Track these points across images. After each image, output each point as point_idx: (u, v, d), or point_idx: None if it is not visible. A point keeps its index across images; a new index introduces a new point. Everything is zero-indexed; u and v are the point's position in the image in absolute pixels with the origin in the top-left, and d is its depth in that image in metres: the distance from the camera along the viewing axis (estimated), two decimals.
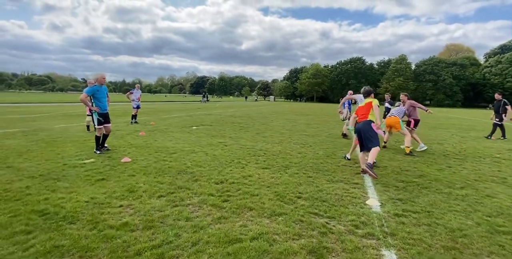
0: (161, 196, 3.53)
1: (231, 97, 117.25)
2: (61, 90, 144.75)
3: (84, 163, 4.91)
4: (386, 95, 10.44)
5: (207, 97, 44.77)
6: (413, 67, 66.69)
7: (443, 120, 19.90)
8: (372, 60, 71.63)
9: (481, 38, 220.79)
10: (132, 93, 11.96)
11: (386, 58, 73.10)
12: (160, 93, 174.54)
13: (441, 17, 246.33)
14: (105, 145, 6.10)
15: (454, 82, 58.64)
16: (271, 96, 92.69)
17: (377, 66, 73.90)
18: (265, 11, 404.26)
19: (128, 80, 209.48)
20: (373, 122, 4.89)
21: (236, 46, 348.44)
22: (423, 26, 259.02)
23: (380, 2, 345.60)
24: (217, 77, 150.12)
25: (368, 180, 4.50)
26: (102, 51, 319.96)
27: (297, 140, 8.51)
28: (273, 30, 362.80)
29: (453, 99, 60.12)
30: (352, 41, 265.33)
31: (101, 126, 5.84)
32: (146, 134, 8.59)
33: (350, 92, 10.84)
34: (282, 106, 39.52)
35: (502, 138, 10.02)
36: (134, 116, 11.65)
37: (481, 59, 66.55)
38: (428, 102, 68.05)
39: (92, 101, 5.78)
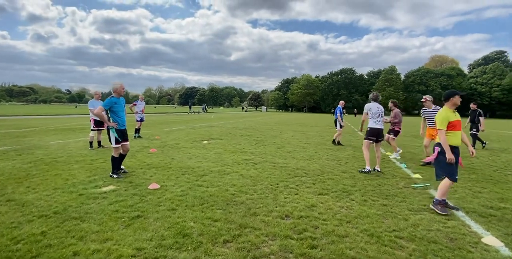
0: (227, 241, 2.68)
1: (221, 107, 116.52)
2: (44, 101, 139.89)
3: (105, 192, 3.98)
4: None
5: (206, 108, 46.39)
6: (402, 77, 68.33)
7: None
8: (358, 71, 73.04)
9: (460, 50, 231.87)
10: (135, 104, 11.03)
11: (376, 69, 74.83)
12: (148, 104, 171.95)
13: (422, 30, 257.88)
14: (122, 167, 5.17)
15: (443, 92, 60.20)
16: (263, 107, 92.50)
17: (366, 77, 75.36)
18: (254, 23, 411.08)
19: None
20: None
21: (225, 57, 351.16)
22: (406, 39, 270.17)
23: (365, 16, 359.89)
24: (206, 87, 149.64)
25: (452, 206, 3.79)
26: (88, 62, 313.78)
27: (326, 155, 7.79)
28: (261, 42, 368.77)
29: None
30: (339, 53, 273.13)
31: (119, 145, 4.92)
32: (158, 151, 7.66)
33: (341, 102, 11.22)
34: (278, 117, 39.04)
35: (483, 145, 10.33)
36: (137, 130, 10.67)
37: (465, 69, 69.10)
38: (416, 112, 69.61)
39: (109, 115, 4.88)
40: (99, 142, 8.15)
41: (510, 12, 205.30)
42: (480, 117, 9.93)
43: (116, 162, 4.92)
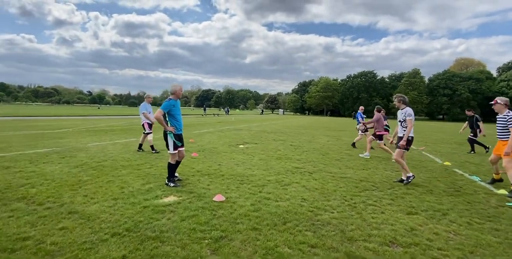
0: None
1: (237, 110, 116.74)
2: (68, 102, 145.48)
3: (169, 205, 3.59)
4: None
5: (228, 111, 47.47)
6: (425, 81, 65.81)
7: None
8: (379, 74, 70.99)
9: (484, 53, 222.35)
10: None
11: (398, 72, 72.56)
12: None
13: (443, 32, 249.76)
14: (176, 174, 4.79)
15: (470, 96, 57.38)
16: (280, 110, 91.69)
17: (388, 80, 73.17)
18: (270, 26, 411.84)
19: (134, 93, 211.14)
20: None
21: (240, 60, 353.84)
22: (426, 41, 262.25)
23: (383, 18, 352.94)
24: (221, 90, 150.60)
25: None
26: (108, 64, 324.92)
27: (380, 164, 7.17)
28: (277, 45, 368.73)
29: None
30: (355, 56, 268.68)
31: (176, 151, 4.55)
32: (199, 155, 7.31)
33: (361, 108, 10.71)
34: (299, 120, 38.34)
35: (472, 152, 10.01)
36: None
37: (494, 73, 65.64)
38: (441, 117, 66.71)
39: (166, 119, 4.52)
40: (140, 145, 7.88)
41: None
42: (478, 123, 9.99)
43: (173, 170, 4.55)
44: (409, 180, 5.13)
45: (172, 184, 4.44)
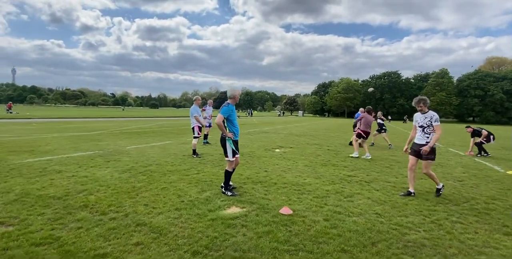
0: None
1: (255, 111, 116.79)
2: (93, 104, 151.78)
3: (237, 217, 3.34)
4: (378, 113, 11.70)
5: (251, 112, 48.38)
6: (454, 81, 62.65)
7: None
8: (403, 74, 68.34)
9: None
10: (204, 110, 10.69)
11: (423, 72, 69.68)
12: (185, 107, 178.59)
13: (470, 30, 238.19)
14: (230, 182, 4.56)
15: (505, 98, 53.94)
16: (299, 111, 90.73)
17: (413, 80, 70.42)
18: (287, 27, 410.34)
19: (154, 95, 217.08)
20: None
21: (257, 62, 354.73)
22: (451, 40, 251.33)
23: (405, 17, 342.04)
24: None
25: None
26: (130, 67, 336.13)
27: (439, 172, 6.60)
28: (294, 46, 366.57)
29: (505, 116, 54.89)
30: (376, 56, 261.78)
31: (234, 158, 4.32)
32: (240, 160, 7.08)
33: (361, 109, 10.38)
34: (322, 122, 37.57)
35: (485, 154, 9.68)
36: (206, 136, 10.30)
37: None
38: (471, 119, 63.24)
39: (225, 124, 4.30)
40: (194, 151, 7.60)
41: None
42: (482, 132, 9.89)
43: (230, 177, 4.32)
44: (440, 192, 4.61)
45: (229, 193, 4.21)
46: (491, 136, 9.72)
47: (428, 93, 61.67)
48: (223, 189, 4.30)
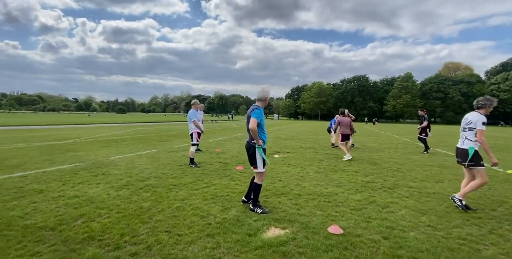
0: None
1: (224, 116, 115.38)
2: (53, 110, 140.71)
3: (285, 242, 2.80)
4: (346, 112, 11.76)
5: (232, 116, 47.07)
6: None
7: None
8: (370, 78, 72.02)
9: (465, 58, 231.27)
10: None
11: (389, 76, 73.73)
12: (154, 112, 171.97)
13: (427, 38, 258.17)
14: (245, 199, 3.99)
15: (462, 99, 58.72)
16: (274, 115, 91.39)
17: (380, 84, 74.20)
18: (259, 32, 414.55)
19: (121, 99, 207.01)
20: None
21: (230, 66, 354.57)
22: (410, 46, 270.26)
23: (370, 24, 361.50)
24: (212, 95, 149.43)
25: None
26: (95, 70, 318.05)
27: (444, 175, 6.56)
28: (266, 50, 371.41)
29: (463, 116, 59.32)
30: (343, 61, 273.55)
31: (265, 169, 3.77)
32: (244, 169, 6.52)
33: (337, 116, 10.68)
34: (300, 125, 37.90)
35: (425, 152, 10.31)
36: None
37: (482, 76, 67.65)
38: (433, 120, 67.85)
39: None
40: (191, 160, 6.83)
41: None
42: (424, 121, 10.52)
43: (260, 192, 3.76)
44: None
45: (259, 210, 3.65)
46: (428, 129, 10.60)
47: (394, 96, 65.38)
48: (251, 206, 3.74)
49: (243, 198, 4.00)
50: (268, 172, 6.29)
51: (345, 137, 8.69)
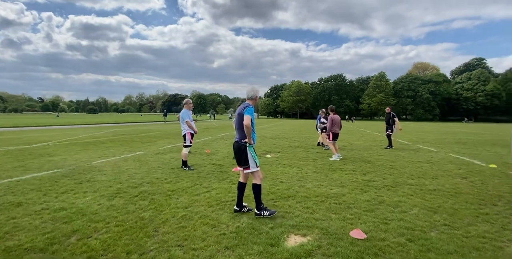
0: None
1: (206, 115, 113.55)
2: (15, 110, 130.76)
3: (312, 252, 2.60)
4: (320, 112, 11.65)
5: (214, 115, 45.25)
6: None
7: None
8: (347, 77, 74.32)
9: (431, 58, 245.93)
10: None
11: (365, 76, 76.37)
12: (129, 112, 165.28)
13: (397, 39, 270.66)
14: (245, 203, 3.77)
15: (431, 98, 62.21)
16: (255, 113, 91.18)
17: (356, 83, 76.62)
18: (237, 31, 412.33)
19: (92, 99, 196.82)
20: None
21: (208, 64, 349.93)
22: (382, 47, 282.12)
23: (344, 25, 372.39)
24: (189, 94, 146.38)
25: None
26: (63, 68, 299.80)
27: (435, 171, 6.73)
28: (244, 49, 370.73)
29: (431, 113, 63.58)
30: (319, 60, 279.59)
31: (259, 168, 3.58)
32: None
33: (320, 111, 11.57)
34: (280, 124, 38.06)
35: (388, 147, 10.84)
36: None
37: (448, 76, 72.13)
38: (405, 117, 71.38)
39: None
40: (185, 163, 6.49)
41: (474, 24, 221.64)
42: (395, 119, 10.94)
43: (261, 193, 3.54)
44: None
45: (266, 212, 3.45)
46: (393, 126, 11.13)
47: (369, 95, 67.80)
48: (256, 211, 3.51)
49: (235, 207, 3.68)
50: (267, 173, 6.08)
51: (335, 136, 8.46)
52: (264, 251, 2.62)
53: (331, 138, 8.41)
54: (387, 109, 11.56)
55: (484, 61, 71.49)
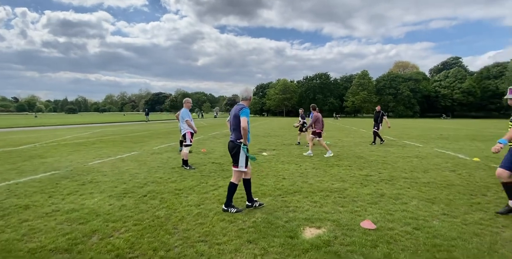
0: None
1: (193, 114, 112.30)
2: None
3: (329, 241, 2.77)
4: (300, 110, 11.98)
5: (202, 114, 43.92)
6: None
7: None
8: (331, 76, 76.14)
9: (411, 57, 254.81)
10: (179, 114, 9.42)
11: (348, 74, 78.10)
12: (110, 111, 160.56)
13: (378, 38, 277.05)
14: (255, 198, 3.92)
15: (411, 95, 64.64)
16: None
17: (340, 81, 78.20)
18: (222, 29, 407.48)
19: (71, 98, 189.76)
20: None
21: (192, 62, 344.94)
22: (364, 46, 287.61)
23: (328, 25, 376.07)
24: (173, 93, 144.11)
25: None
26: (39, 66, 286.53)
27: (411, 163, 7.12)
28: (229, 47, 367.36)
29: (412, 110, 66.14)
30: (303, 59, 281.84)
31: (247, 168, 3.77)
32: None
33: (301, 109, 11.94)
34: (268, 122, 38.35)
35: (372, 144, 11.44)
36: (181, 142, 9.11)
37: (427, 74, 75.13)
38: (387, 114, 73.67)
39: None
40: (185, 162, 6.52)
41: (451, 24, 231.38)
42: (384, 117, 11.58)
43: (234, 192, 3.74)
44: None
45: (233, 210, 3.63)
46: (380, 123, 11.62)
47: (353, 92, 69.45)
48: (224, 207, 3.68)
49: (247, 202, 3.84)
50: (268, 170, 6.24)
51: (318, 134, 8.52)
52: (286, 243, 2.76)
53: (316, 136, 8.53)
54: (377, 108, 12.16)
55: (460, 59, 75.11)
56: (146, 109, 43.65)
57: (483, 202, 4.11)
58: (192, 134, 6.70)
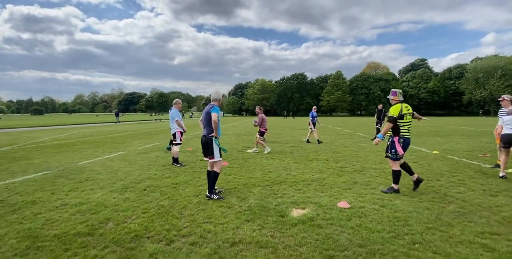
0: None
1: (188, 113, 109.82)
2: None
3: (313, 217, 3.37)
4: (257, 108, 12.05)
5: (182, 115, 43.31)
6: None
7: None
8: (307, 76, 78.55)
9: (382, 58, 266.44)
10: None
11: (323, 74, 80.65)
12: (80, 112, 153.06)
13: (352, 40, 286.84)
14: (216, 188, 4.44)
15: (382, 95, 68.11)
16: (220, 112, 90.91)
17: (316, 81, 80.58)
18: (199, 28, 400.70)
19: (36, 98, 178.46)
20: None
21: (168, 61, 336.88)
22: (338, 47, 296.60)
23: (304, 26, 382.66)
24: (148, 93, 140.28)
25: None
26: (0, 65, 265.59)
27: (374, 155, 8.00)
28: (207, 46, 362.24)
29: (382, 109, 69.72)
30: (281, 59, 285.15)
31: (221, 158, 4.40)
32: (231, 165, 6.87)
33: (314, 107, 12.82)
34: (248, 121, 38.86)
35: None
36: (171, 141, 9.40)
37: (396, 74, 79.61)
38: (359, 113, 77.24)
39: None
40: (176, 160, 6.91)
41: (418, 27, 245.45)
42: (386, 114, 12.83)
43: (216, 180, 4.31)
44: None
45: (216, 196, 4.19)
46: (383, 121, 12.50)
47: (328, 92, 71.91)
48: (207, 193, 4.23)
49: (206, 193, 4.23)
50: (255, 165, 6.78)
51: (262, 133, 9.20)
52: (277, 220, 3.32)
53: (260, 134, 9.19)
54: (379, 106, 13.22)
55: (426, 61, 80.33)
56: (116, 110, 42.10)
57: (437, 185, 4.93)
58: (181, 133, 7.08)
